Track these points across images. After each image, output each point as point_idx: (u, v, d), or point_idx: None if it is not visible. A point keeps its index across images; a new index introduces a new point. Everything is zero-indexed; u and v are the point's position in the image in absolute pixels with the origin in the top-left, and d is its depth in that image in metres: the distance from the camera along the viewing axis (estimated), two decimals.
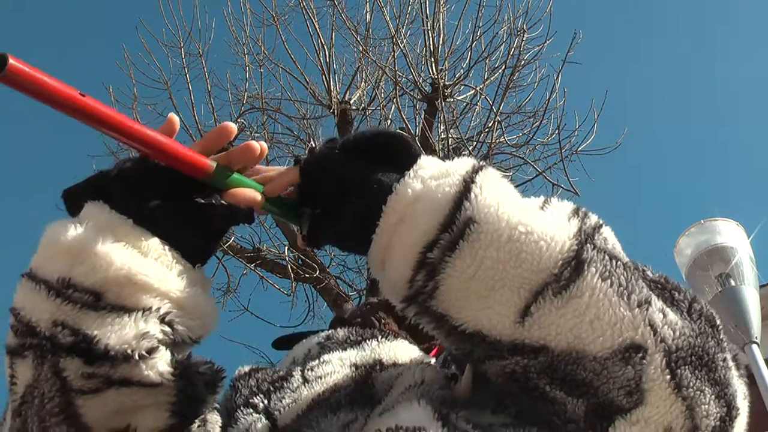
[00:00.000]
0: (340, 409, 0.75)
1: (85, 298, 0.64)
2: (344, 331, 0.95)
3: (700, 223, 4.24)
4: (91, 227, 0.65)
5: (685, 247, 4.23)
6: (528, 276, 0.61)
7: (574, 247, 0.61)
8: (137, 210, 0.67)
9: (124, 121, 0.63)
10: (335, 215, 0.70)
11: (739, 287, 3.90)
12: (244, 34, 6.99)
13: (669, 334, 0.61)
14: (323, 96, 6.59)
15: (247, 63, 6.93)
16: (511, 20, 6.72)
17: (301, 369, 0.86)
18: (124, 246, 0.65)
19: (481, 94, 6.50)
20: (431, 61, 6.42)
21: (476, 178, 0.64)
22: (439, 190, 0.63)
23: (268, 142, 6.65)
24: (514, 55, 6.47)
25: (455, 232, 0.61)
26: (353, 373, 0.82)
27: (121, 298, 0.65)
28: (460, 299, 0.63)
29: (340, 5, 6.85)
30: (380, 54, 6.87)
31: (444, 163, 0.68)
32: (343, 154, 0.69)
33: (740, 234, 4.18)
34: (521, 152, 6.41)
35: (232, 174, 0.70)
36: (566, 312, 0.60)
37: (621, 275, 0.62)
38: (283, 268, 6.01)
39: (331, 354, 0.88)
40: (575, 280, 0.60)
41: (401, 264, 0.64)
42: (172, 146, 0.66)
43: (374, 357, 0.85)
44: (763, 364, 3.59)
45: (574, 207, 0.68)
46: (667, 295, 0.66)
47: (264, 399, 0.82)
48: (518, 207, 0.63)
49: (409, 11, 6.93)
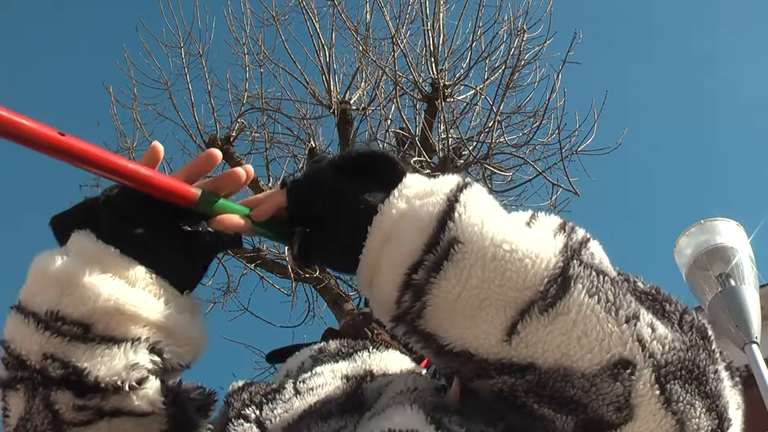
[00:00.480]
0: (331, 417, 0.75)
1: (74, 330, 0.65)
2: (336, 344, 0.96)
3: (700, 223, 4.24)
4: (78, 258, 0.66)
5: (685, 247, 4.23)
6: (513, 294, 0.61)
7: (560, 264, 0.61)
8: (124, 239, 0.67)
9: (105, 157, 0.63)
10: (323, 236, 0.70)
11: (739, 287, 3.90)
12: (244, 34, 7.00)
13: (658, 349, 0.61)
14: (323, 96, 6.59)
15: (247, 63, 6.93)
16: (511, 20, 6.73)
17: (293, 381, 0.87)
18: (111, 277, 0.66)
19: (481, 94, 6.51)
20: (431, 61, 6.42)
21: (460, 197, 0.63)
22: (423, 209, 0.63)
23: (268, 142, 6.66)
24: (514, 55, 6.47)
25: (439, 253, 0.61)
26: (344, 385, 0.83)
27: (110, 329, 0.66)
28: (447, 319, 0.63)
29: (340, 5, 6.86)
30: (380, 54, 6.88)
31: (430, 181, 0.67)
32: (330, 175, 0.69)
33: (740, 234, 4.18)
34: (521, 152, 6.41)
35: (218, 200, 0.70)
36: (553, 329, 0.60)
37: (608, 291, 0.61)
38: (283, 268, 6.01)
39: (323, 366, 0.89)
40: (561, 297, 0.60)
41: (388, 285, 0.64)
42: (154, 178, 0.66)
43: (365, 368, 0.86)
44: (763, 364, 3.59)
45: (561, 222, 0.67)
46: (658, 307, 0.65)
47: (256, 410, 0.82)
48: (503, 224, 0.63)
49: (409, 11, 6.93)
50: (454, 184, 0.65)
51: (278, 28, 6.85)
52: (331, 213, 0.68)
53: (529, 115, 6.68)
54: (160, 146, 0.70)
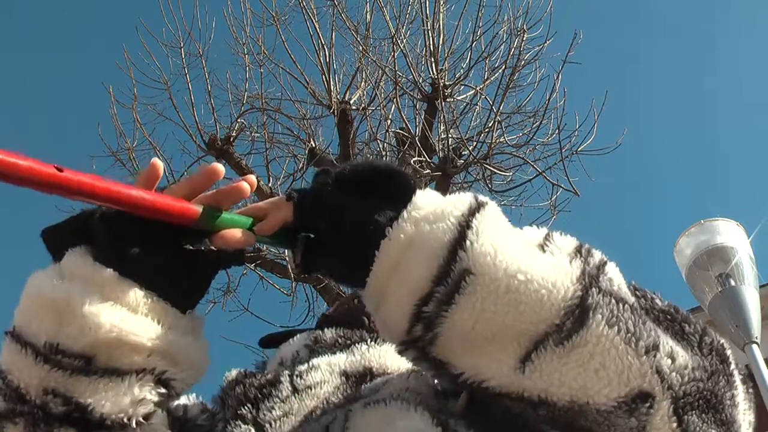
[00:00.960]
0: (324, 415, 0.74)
1: (75, 364, 0.61)
2: (332, 333, 0.94)
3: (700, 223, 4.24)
4: (75, 282, 0.63)
5: (685, 247, 4.23)
6: (527, 327, 0.59)
7: (578, 293, 0.59)
8: (123, 259, 0.64)
9: (104, 188, 0.60)
10: (330, 253, 0.68)
11: (739, 287, 3.90)
12: (244, 34, 7.00)
13: (677, 380, 0.59)
14: (323, 96, 6.59)
15: (247, 63, 6.93)
16: (511, 20, 6.73)
17: (289, 375, 0.84)
18: (111, 305, 0.62)
19: (481, 94, 6.50)
20: (431, 61, 6.42)
21: (472, 222, 0.61)
22: (433, 236, 0.61)
23: (268, 142, 6.66)
24: (514, 55, 6.47)
25: (450, 285, 0.59)
26: (343, 384, 0.81)
27: (113, 360, 0.62)
28: (460, 347, 0.61)
29: (340, 5, 6.85)
30: (380, 54, 6.88)
31: (441, 201, 0.64)
32: (338, 191, 0.67)
33: (740, 234, 4.18)
34: (521, 152, 6.41)
35: (219, 215, 0.67)
36: (569, 361, 0.59)
37: (628, 320, 0.59)
38: (283, 268, 6.00)
39: (320, 358, 0.87)
40: (579, 330, 0.58)
41: (397, 314, 0.62)
42: (155, 203, 0.63)
43: (364, 364, 0.84)
44: (763, 364, 3.59)
45: (577, 245, 0.65)
46: (677, 329, 0.64)
47: (252, 409, 0.80)
48: (517, 252, 0.60)
49: (409, 11, 6.93)
50: (465, 207, 0.63)
51: (278, 28, 6.85)
52: (337, 232, 0.66)
53: (529, 115, 6.69)
54: (159, 164, 0.67)
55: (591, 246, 0.65)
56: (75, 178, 0.58)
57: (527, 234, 0.65)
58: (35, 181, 0.56)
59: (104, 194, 0.60)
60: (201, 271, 0.68)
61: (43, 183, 0.56)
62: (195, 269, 0.68)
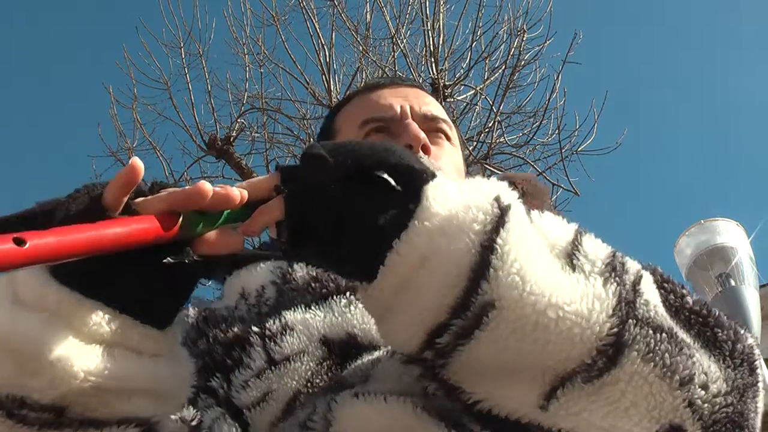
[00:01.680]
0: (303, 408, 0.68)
1: (44, 417, 0.53)
2: (303, 273, 0.82)
3: (700, 223, 4.25)
4: (35, 315, 0.52)
5: (685, 247, 4.23)
6: (554, 365, 0.54)
7: (614, 330, 0.54)
8: (94, 280, 0.53)
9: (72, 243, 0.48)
10: (326, 255, 0.58)
11: (739, 287, 3.91)
12: (244, 34, 7.00)
13: (708, 411, 0.56)
14: (323, 96, 6.59)
15: (247, 63, 6.93)
16: (511, 20, 6.72)
17: (259, 333, 0.75)
18: (85, 347, 0.53)
19: (481, 94, 6.51)
20: (431, 61, 6.41)
21: (497, 242, 0.52)
22: (450, 258, 0.52)
23: (268, 142, 6.66)
24: (514, 55, 6.47)
25: (470, 319, 0.52)
26: (327, 360, 0.73)
27: (90, 410, 0.54)
28: (475, 376, 0.56)
29: (340, 5, 6.85)
30: (380, 54, 6.89)
31: (457, 203, 0.55)
32: (339, 188, 0.56)
33: (740, 234, 4.19)
34: (521, 152, 6.41)
35: (202, 221, 0.57)
36: (598, 399, 0.55)
37: (665, 352, 0.55)
38: None
39: (293, 313, 0.77)
40: (611, 369, 0.54)
41: (404, 336, 0.56)
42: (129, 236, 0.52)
43: (347, 329, 0.75)
44: (763, 364, 3.59)
45: (609, 256, 0.58)
46: (709, 335, 0.60)
47: (223, 382, 0.73)
48: (546, 279, 0.53)
49: (409, 11, 6.93)
50: (488, 218, 0.53)
51: (278, 28, 6.85)
52: (337, 235, 0.57)
53: (529, 115, 6.69)
54: (138, 168, 0.55)
55: (623, 254, 0.59)
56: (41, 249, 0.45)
57: (554, 234, 0.58)
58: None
59: (77, 251, 0.49)
60: (185, 285, 0.59)
61: (6, 266, 0.43)
62: (175, 284, 0.57)
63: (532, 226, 0.57)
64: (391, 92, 1.00)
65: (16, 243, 0.43)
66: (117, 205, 0.54)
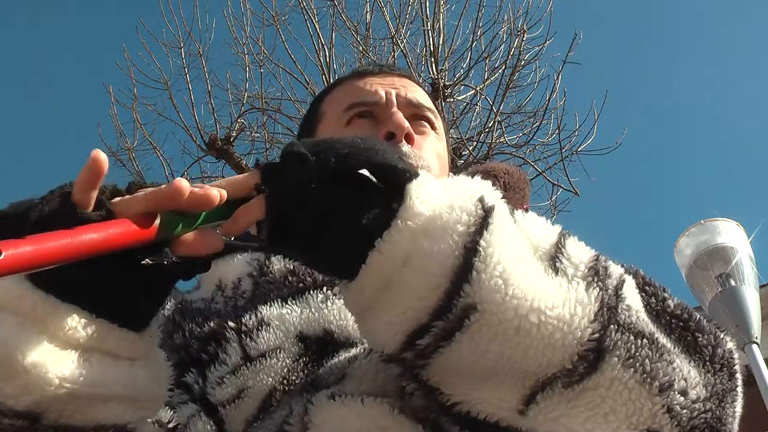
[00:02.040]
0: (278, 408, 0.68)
1: (18, 424, 0.52)
2: (281, 265, 0.81)
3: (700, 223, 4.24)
4: (12, 324, 0.51)
5: (685, 247, 4.23)
6: (535, 370, 0.54)
7: (595, 335, 0.53)
8: (69, 284, 0.52)
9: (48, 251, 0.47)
10: (306, 252, 0.58)
11: (739, 287, 3.91)
12: (244, 34, 7.00)
13: (686, 417, 0.56)
14: None
15: (247, 63, 6.93)
16: (511, 20, 6.73)
17: (235, 329, 0.74)
18: (60, 352, 0.52)
19: (481, 94, 6.51)
20: (431, 61, 6.42)
21: (480, 243, 0.52)
22: (433, 259, 0.52)
23: (268, 142, 6.66)
24: (514, 55, 6.48)
25: (451, 321, 0.52)
26: (303, 357, 0.72)
27: (65, 417, 0.53)
28: (454, 378, 0.56)
29: (340, 5, 6.86)
30: (380, 54, 6.88)
31: (441, 202, 0.55)
32: (322, 188, 0.55)
33: (740, 234, 4.19)
34: (521, 152, 6.42)
35: (181, 221, 0.55)
36: (578, 404, 0.55)
37: (645, 358, 0.55)
38: None
39: (270, 307, 0.76)
40: (591, 374, 0.54)
41: (384, 337, 0.55)
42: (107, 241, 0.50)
43: (323, 325, 0.74)
44: (763, 364, 3.59)
45: (593, 260, 0.57)
46: (690, 339, 0.60)
47: (198, 377, 0.72)
48: (529, 283, 0.53)
49: (409, 11, 6.93)
50: (471, 219, 0.53)
51: (278, 28, 6.86)
52: (318, 233, 0.55)
53: (529, 115, 6.70)
54: (102, 156, 0.52)
55: (606, 258, 0.59)
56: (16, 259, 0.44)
57: (537, 236, 0.57)
58: None
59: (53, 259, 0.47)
60: (163, 287, 0.57)
61: None
62: (153, 285, 0.56)
63: (516, 227, 0.57)
64: (378, 79, 1.00)
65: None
66: (86, 201, 0.52)
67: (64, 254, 0.47)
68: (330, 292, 0.77)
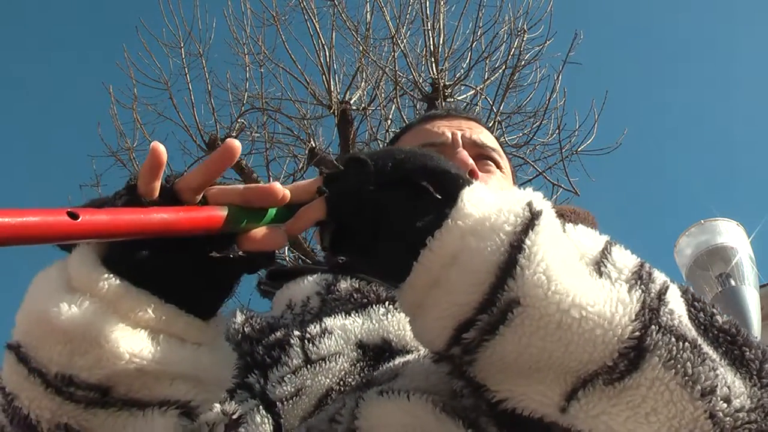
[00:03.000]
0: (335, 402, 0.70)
1: (90, 396, 0.56)
2: (347, 284, 0.87)
3: (700, 223, 4.25)
4: (86, 302, 0.55)
5: (685, 247, 4.23)
6: (576, 366, 0.55)
7: (636, 333, 0.55)
8: (138, 268, 0.57)
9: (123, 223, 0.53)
10: (363, 253, 0.62)
11: (739, 287, 3.91)
12: (244, 34, 7.00)
13: (729, 425, 0.56)
14: (323, 96, 6.59)
15: (247, 63, 6.93)
16: (511, 20, 6.73)
17: (300, 336, 0.79)
18: (129, 329, 0.56)
19: (481, 94, 6.50)
20: (431, 61, 6.42)
21: (525, 242, 0.55)
22: (480, 255, 0.55)
23: (268, 142, 6.66)
24: (515, 55, 6.48)
25: (495, 314, 0.54)
26: (360, 362, 0.76)
27: (133, 392, 0.57)
28: (499, 373, 0.58)
29: (340, 5, 6.85)
30: (380, 54, 6.88)
31: (492, 206, 0.58)
32: (380, 191, 0.60)
33: (740, 234, 4.19)
34: (521, 152, 6.41)
35: (247, 217, 0.60)
36: (619, 403, 0.55)
37: (687, 361, 0.56)
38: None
39: (333, 319, 0.81)
40: (632, 372, 0.55)
41: (433, 333, 0.58)
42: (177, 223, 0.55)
43: (382, 335, 0.78)
44: None
45: (637, 266, 0.59)
46: (737, 353, 0.61)
47: (260, 378, 0.76)
48: (572, 281, 0.55)
49: (409, 11, 6.93)
50: (519, 220, 0.56)
51: (278, 28, 6.85)
52: (375, 235, 0.60)
53: (529, 115, 6.69)
54: (160, 149, 0.57)
55: (652, 267, 0.61)
56: (92, 223, 0.49)
57: (585, 245, 0.60)
58: (52, 236, 0.48)
59: (125, 230, 0.53)
60: (229, 279, 0.62)
61: (61, 236, 0.48)
62: (221, 277, 0.61)
63: (563, 234, 0.59)
64: (445, 122, 1.05)
65: (71, 216, 0.47)
66: (150, 191, 0.57)
67: (136, 227, 0.53)
68: (392, 306, 0.82)
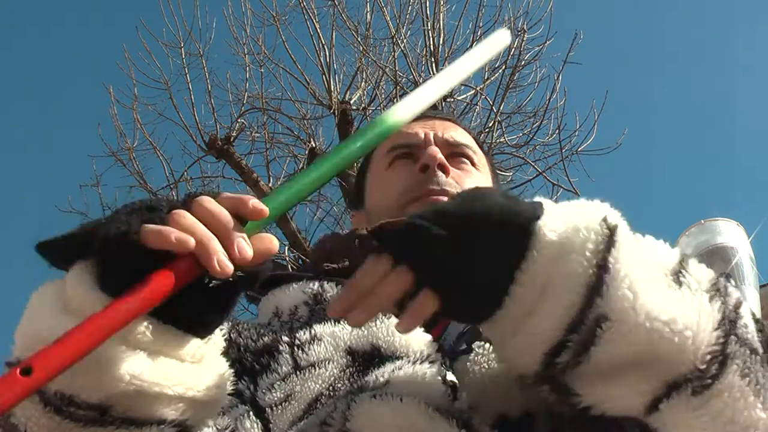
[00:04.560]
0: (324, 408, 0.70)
1: (89, 415, 0.56)
2: (334, 294, 0.87)
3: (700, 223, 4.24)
4: None
5: (685, 247, 4.21)
6: (665, 373, 0.56)
7: (720, 340, 0.56)
8: None
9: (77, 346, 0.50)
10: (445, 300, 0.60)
11: (739, 287, 3.91)
12: (244, 34, 7.00)
13: None
14: (323, 96, 6.59)
15: (247, 63, 6.93)
16: (511, 20, 6.72)
17: (289, 343, 0.79)
18: (130, 352, 0.56)
19: (481, 94, 6.50)
20: (431, 61, 6.42)
21: (609, 260, 0.56)
22: (569, 281, 0.56)
23: (268, 143, 6.66)
24: (515, 56, 6.46)
25: (584, 334, 0.55)
26: (350, 367, 0.76)
27: (131, 411, 0.58)
28: (588, 379, 0.59)
29: (340, 5, 6.85)
30: (380, 54, 6.88)
31: (569, 225, 0.58)
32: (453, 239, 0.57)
33: (740, 234, 4.18)
34: (521, 152, 6.41)
35: None
36: (703, 413, 0.56)
37: (758, 372, 0.57)
38: (283, 268, 6.00)
39: (322, 326, 0.80)
40: (719, 377, 0.56)
41: (525, 359, 0.59)
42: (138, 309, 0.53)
43: (371, 341, 0.78)
44: None
45: (713, 279, 0.61)
46: None
47: (249, 384, 0.76)
48: (656, 292, 0.56)
49: (409, 11, 6.92)
50: (600, 238, 0.57)
51: (278, 28, 6.85)
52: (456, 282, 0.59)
53: (529, 115, 6.68)
54: None
55: (726, 281, 0.63)
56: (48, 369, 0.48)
57: (661, 258, 0.61)
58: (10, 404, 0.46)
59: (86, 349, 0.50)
60: (226, 298, 0.60)
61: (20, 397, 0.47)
62: (219, 298, 0.60)
63: (639, 245, 0.61)
64: (419, 122, 1.06)
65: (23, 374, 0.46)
66: None
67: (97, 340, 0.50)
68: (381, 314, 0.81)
